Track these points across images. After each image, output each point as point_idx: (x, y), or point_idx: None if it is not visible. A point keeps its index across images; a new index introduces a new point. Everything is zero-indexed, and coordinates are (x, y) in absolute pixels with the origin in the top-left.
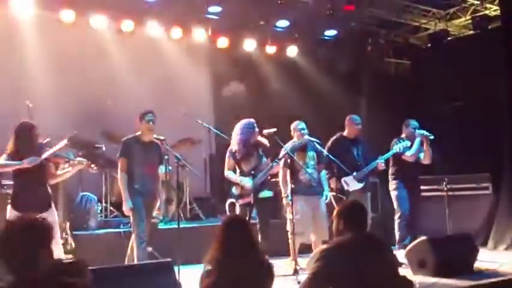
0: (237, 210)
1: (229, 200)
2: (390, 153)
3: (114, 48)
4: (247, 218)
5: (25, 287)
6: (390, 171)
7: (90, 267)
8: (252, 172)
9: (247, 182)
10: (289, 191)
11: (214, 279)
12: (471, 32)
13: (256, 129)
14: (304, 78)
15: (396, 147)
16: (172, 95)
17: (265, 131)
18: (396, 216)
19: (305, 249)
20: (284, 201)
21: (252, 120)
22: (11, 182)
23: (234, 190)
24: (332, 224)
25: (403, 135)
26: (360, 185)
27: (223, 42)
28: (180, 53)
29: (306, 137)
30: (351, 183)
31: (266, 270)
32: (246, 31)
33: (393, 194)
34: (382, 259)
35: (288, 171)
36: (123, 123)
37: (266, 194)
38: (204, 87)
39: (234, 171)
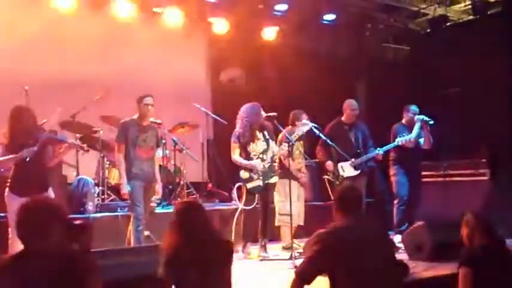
0: (245, 195)
1: (238, 184)
2: (391, 145)
3: (112, 31)
4: (255, 202)
5: (34, 256)
6: (390, 156)
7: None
8: (261, 156)
9: (258, 165)
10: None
11: (174, 264)
12: (471, 17)
13: (262, 113)
14: (303, 63)
15: (398, 140)
16: (169, 80)
17: (265, 115)
18: (395, 201)
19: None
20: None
21: (257, 103)
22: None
23: (242, 174)
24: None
25: (403, 121)
26: (355, 172)
27: (221, 26)
28: (177, 37)
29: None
30: (347, 170)
31: (225, 247)
32: (244, 15)
33: (393, 179)
34: (379, 244)
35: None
36: (120, 107)
37: (274, 179)
38: (201, 72)
39: (240, 155)
